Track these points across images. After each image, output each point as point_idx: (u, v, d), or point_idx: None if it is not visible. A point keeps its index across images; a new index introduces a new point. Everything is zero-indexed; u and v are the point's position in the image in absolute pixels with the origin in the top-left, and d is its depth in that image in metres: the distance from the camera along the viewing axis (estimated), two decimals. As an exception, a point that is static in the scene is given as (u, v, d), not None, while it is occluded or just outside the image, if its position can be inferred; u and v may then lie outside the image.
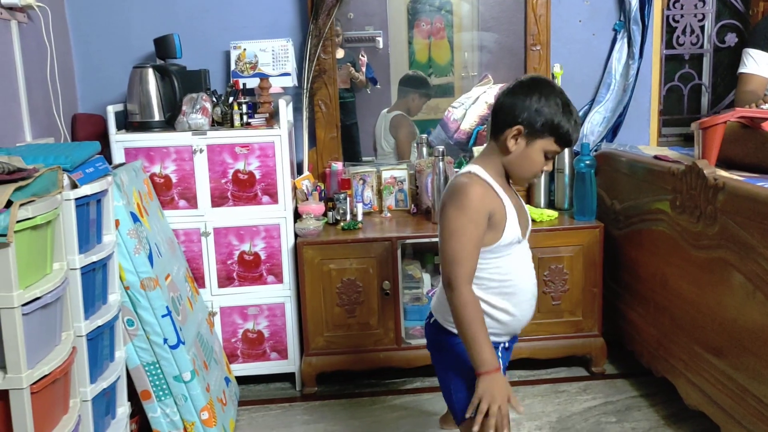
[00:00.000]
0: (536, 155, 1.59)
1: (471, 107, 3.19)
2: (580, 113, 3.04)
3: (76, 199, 1.75)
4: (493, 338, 1.58)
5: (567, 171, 2.89)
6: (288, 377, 2.80)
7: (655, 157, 2.55)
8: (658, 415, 2.42)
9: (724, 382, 1.98)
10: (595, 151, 2.94)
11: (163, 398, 2.14)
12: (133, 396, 2.13)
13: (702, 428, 2.25)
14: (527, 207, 1.78)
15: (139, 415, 2.20)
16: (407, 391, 2.68)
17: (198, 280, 2.62)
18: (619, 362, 2.83)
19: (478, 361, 1.52)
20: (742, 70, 2.76)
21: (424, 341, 1.85)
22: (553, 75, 3.02)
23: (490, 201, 1.58)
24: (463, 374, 1.61)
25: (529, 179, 1.65)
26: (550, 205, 2.98)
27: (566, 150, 2.87)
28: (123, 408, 2.05)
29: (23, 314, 1.48)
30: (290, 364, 2.72)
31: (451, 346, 1.66)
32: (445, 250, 1.57)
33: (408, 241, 2.65)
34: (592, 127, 3.02)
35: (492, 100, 3.19)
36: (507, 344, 1.72)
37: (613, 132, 3.05)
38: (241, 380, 2.75)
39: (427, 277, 2.85)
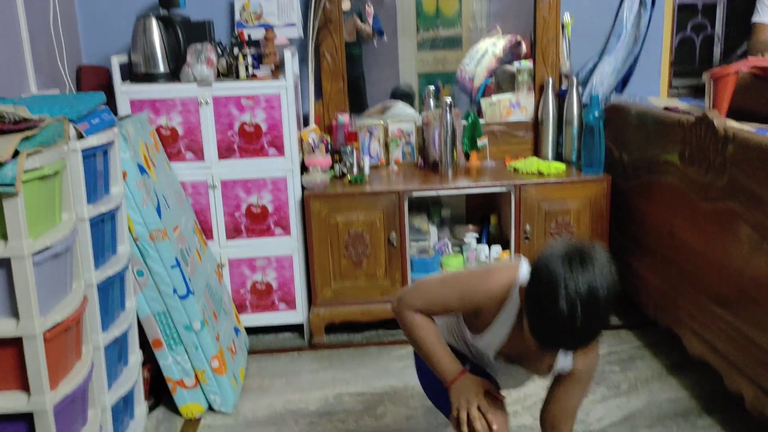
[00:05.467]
0: (535, 346, 1.33)
1: (480, 61, 3.15)
2: (590, 64, 3.00)
3: (83, 150, 1.76)
4: None
5: (575, 123, 2.87)
6: (296, 328, 2.84)
7: (665, 109, 2.52)
8: (661, 364, 2.45)
9: (727, 332, 2.00)
10: (605, 102, 2.91)
11: (173, 347, 2.18)
12: (145, 344, 2.17)
13: (704, 377, 2.28)
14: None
15: (150, 362, 2.25)
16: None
17: (206, 232, 2.64)
18: (624, 313, 2.85)
19: (441, 375, 1.47)
20: (755, 19, 2.71)
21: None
22: (562, 24, 2.97)
23: (489, 306, 1.44)
24: (431, 380, 1.59)
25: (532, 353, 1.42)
26: (558, 157, 2.96)
27: (575, 102, 2.85)
28: (135, 356, 2.10)
29: (34, 264, 1.50)
30: (298, 314, 2.76)
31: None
32: (426, 281, 1.55)
33: (415, 194, 2.66)
34: (602, 78, 2.98)
35: (500, 53, 3.14)
36: None
37: (623, 83, 3.01)
38: (251, 330, 2.79)
39: (433, 230, 2.87)
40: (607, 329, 1.23)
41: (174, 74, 2.59)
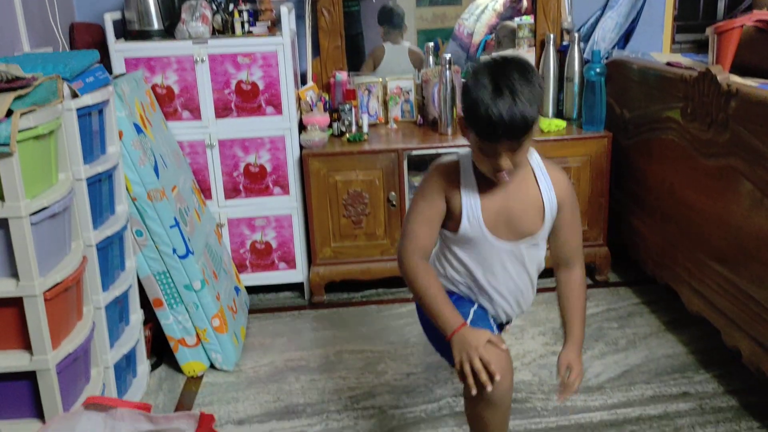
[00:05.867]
0: (476, 148, 1.39)
1: (480, 16, 3.10)
2: (592, 19, 2.95)
3: (78, 109, 1.74)
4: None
5: (576, 79, 2.83)
6: (296, 287, 2.86)
7: (668, 64, 2.49)
8: (660, 320, 2.47)
9: (726, 288, 2.01)
10: (606, 58, 2.87)
11: (174, 306, 2.19)
12: (146, 304, 2.19)
13: (702, 333, 2.30)
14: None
15: (152, 322, 2.26)
16: (413, 299, 2.73)
17: (204, 192, 2.63)
18: (622, 271, 2.86)
19: (442, 327, 1.46)
20: (761, -29, 2.65)
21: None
22: (564, -22, 2.91)
23: (448, 185, 1.46)
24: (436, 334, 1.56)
25: (491, 176, 1.41)
26: (559, 114, 2.93)
27: (576, 58, 2.81)
28: (136, 315, 2.11)
29: (32, 224, 1.50)
30: (298, 273, 2.77)
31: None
32: (405, 220, 1.54)
33: (414, 152, 2.64)
34: (604, 34, 2.93)
35: (501, 8, 3.09)
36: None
37: (625, 39, 2.96)
38: (251, 290, 2.80)
39: (433, 189, 2.85)
40: (535, 117, 1.30)
41: (168, 32, 2.54)
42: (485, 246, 1.50)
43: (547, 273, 1.65)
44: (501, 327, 1.69)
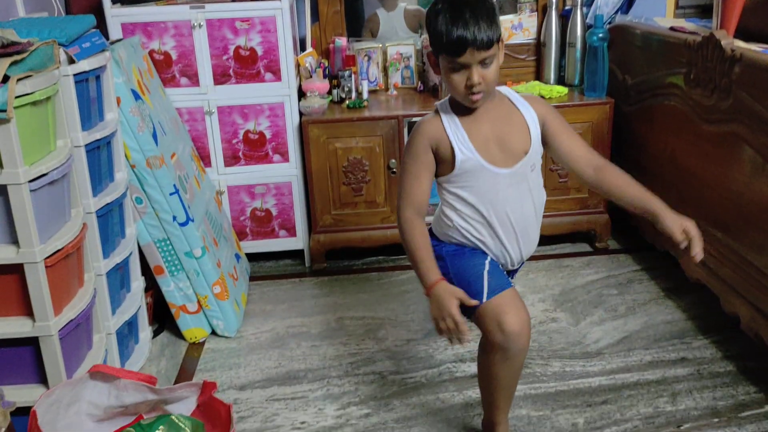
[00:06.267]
0: (446, 71, 1.44)
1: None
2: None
3: (75, 75, 1.72)
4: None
5: (579, 45, 2.80)
6: (297, 254, 2.86)
7: (671, 29, 2.46)
8: (659, 287, 2.48)
9: (726, 255, 2.01)
10: (609, 23, 2.83)
11: (175, 273, 2.20)
12: (147, 271, 2.19)
13: (701, 299, 2.31)
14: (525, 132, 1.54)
15: (153, 289, 2.27)
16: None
17: (204, 159, 2.62)
18: (623, 238, 2.87)
19: (421, 279, 1.49)
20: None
21: (430, 218, 1.86)
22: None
23: (433, 134, 1.51)
24: (453, 276, 1.57)
25: (466, 101, 1.47)
26: (560, 81, 2.91)
27: (578, 23, 2.77)
28: (137, 282, 2.12)
29: (31, 190, 1.49)
30: (299, 241, 2.77)
31: (440, 254, 1.61)
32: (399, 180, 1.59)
33: (415, 119, 2.62)
34: (607, -2, 2.89)
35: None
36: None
37: (628, 3, 2.92)
38: (251, 257, 2.81)
39: (433, 156, 2.84)
40: (495, 23, 1.39)
41: (165, -4, 2.51)
42: (485, 178, 1.51)
43: (544, 241, 1.65)
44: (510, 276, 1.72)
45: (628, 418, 1.80)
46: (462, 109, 1.51)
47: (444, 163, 1.53)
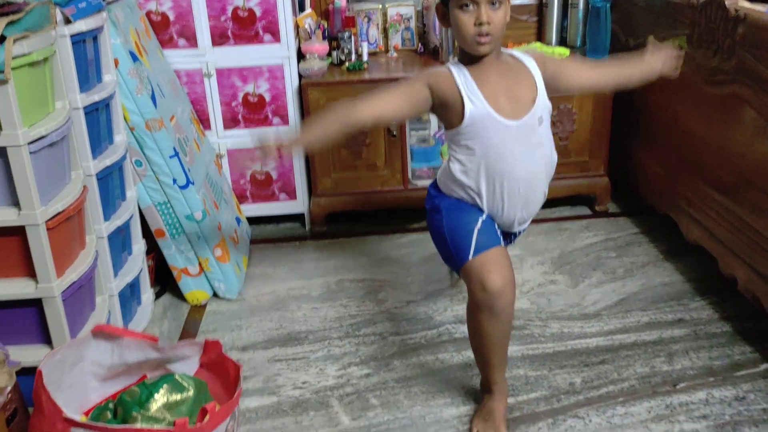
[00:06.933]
0: (456, 15, 1.47)
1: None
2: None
3: (72, 35, 1.70)
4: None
5: (581, 6, 2.76)
6: (297, 218, 2.87)
7: (675, -11, 2.42)
8: (657, 250, 2.49)
9: (725, 217, 2.02)
10: (612, -17, 2.79)
11: (176, 236, 2.20)
12: (148, 234, 2.20)
13: (699, 261, 2.32)
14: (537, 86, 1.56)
15: (154, 251, 2.28)
16: (414, 230, 2.75)
17: (203, 122, 2.60)
18: (622, 201, 2.87)
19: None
20: None
21: (430, 182, 1.86)
22: None
23: (439, 80, 1.53)
24: (446, 230, 1.61)
25: (474, 45, 1.48)
26: (562, 42, 2.88)
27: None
28: (138, 245, 2.13)
29: (30, 152, 1.49)
30: (299, 204, 2.77)
31: (439, 206, 1.65)
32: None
33: (414, 81, 2.59)
34: (610, -42, 2.84)
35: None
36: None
37: (632, -38, 2.87)
38: (252, 220, 2.82)
39: (433, 119, 2.82)
40: None
41: (162, -45, 2.46)
42: (494, 130, 1.51)
43: (544, 204, 1.66)
44: (509, 239, 1.73)
45: (625, 377, 1.83)
46: (471, 60, 1.52)
47: (453, 113, 1.53)
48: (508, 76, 1.54)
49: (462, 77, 1.52)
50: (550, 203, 2.79)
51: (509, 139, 1.52)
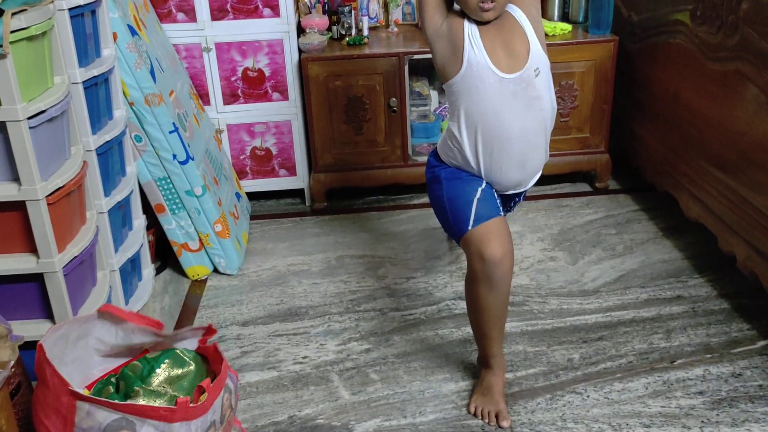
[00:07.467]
0: None
1: None
2: None
3: (70, 9, 1.68)
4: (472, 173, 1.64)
5: (584, -20, 2.74)
6: (297, 193, 2.87)
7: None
8: (657, 227, 2.50)
9: (725, 194, 2.02)
10: (616, -43, 2.76)
11: (176, 212, 2.21)
12: (148, 209, 2.20)
13: (699, 238, 2.33)
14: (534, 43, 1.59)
15: (155, 227, 2.28)
16: (413, 206, 2.75)
17: (202, 97, 2.59)
18: (622, 178, 2.87)
19: None
20: None
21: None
22: None
23: (454, 22, 1.59)
24: (446, 200, 1.64)
25: (478, 12, 1.54)
26: (564, 17, 2.85)
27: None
28: (139, 220, 2.13)
29: (30, 127, 1.48)
30: (299, 180, 2.77)
31: (439, 176, 1.68)
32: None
33: (416, 56, 2.58)
34: (614, -69, 2.81)
35: None
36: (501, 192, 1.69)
37: (636, -64, 2.84)
38: (252, 196, 2.82)
39: (434, 94, 2.81)
40: None
41: (160, -73, 2.43)
42: (490, 82, 1.55)
43: (544, 181, 1.66)
44: (508, 206, 1.78)
45: (623, 353, 1.84)
46: (478, 25, 1.57)
47: (454, 56, 1.57)
48: (503, 31, 1.59)
49: (470, 26, 1.57)
50: (550, 179, 2.80)
51: (506, 94, 1.55)
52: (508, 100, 1.55)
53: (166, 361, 1.50)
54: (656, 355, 1.83)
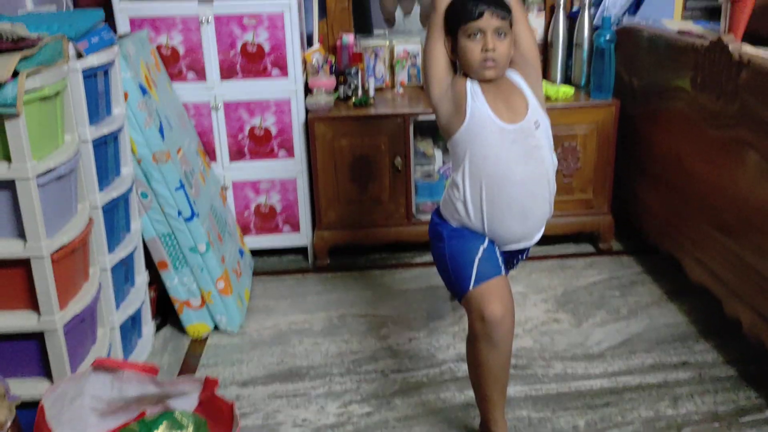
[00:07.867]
0: (464, 44, 1.61)
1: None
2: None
3: (83, 70, 1.72)
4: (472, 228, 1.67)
5: (585, 46, 2.80)
6: (301, 251, 2.87)
7: (679, 32, 2.45)
8: (661, 290, 2.48)
9: (729, 259, 2.02)
10: (616, 25, 2.82)
11: (179, 268, 2.20)
12: (151, 265, 2.20)
13: (703, 302, 2.31)
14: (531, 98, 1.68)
15: (157, 283, 2.28)
16: (417, 264, 2.75)
17: (209, 154, 2.62)
18: (626, 240, 2.87)
19: None
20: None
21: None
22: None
23: (457, 83, 1.66)
24: (448, 258, 1.66)
25: (480, 70, 1.62)
26: (567, 81, 2.91)
27: (586, 24, 2.77)
28: (141, 277, 2.12)
29: (38, 185, 1.50)
30: (303, 237, 2.78)
31: (442, 233, 1.70)
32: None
33: (420, 117, 2.62)
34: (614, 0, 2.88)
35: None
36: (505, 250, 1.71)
37: (636, 4, 2.91)
38: (255, 253, 2.82)
39: (438, 154, 2.84)
40: (504, 4, 1.61)
41: (173, -10, 2.50)
42: (491, 133, 1.60)
43: (547, 241, 1.66)
44: (511, 264, 1.80)
45: (629, 421, 1.81)
46: (480, 83, 1.65)
47: (458, 112, 1.63)
48: (503, 89, 1.66)
49: (472, 84, 1.65)
50: (553, 240, 2.81)
51: (506, 141, 1.61)
52: (509, 147, 1.61)
53: (164, 423, 1.48)
54: (663, 423, 1.80)
